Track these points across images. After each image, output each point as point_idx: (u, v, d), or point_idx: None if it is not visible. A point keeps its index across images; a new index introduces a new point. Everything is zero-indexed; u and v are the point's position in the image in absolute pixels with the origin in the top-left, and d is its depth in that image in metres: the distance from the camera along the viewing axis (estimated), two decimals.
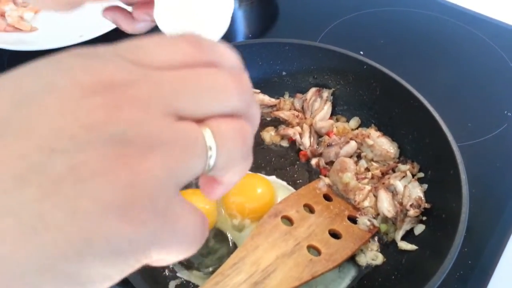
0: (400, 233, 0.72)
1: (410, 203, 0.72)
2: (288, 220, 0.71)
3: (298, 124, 0.89)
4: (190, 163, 0.25)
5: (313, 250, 0.68)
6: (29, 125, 0.22)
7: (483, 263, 0.74)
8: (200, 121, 0.26)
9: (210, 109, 0.27)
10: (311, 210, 0.74)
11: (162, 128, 0.24)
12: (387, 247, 0.73)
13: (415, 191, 0.74)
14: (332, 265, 0.66)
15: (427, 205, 0.72)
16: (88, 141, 0.22)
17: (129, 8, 0.54)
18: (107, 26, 1.06)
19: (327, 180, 0.79)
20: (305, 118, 0.90)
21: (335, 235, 0.71)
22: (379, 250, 0.73)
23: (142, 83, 0.25)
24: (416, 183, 0.76)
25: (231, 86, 0.28)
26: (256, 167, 0.85)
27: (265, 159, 0.86)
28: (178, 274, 0.70)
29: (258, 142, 0.89)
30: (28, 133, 0.22)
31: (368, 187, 0.76)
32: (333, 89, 0.91)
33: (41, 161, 0.21)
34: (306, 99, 0.91)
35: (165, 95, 0.25)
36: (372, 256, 0.71)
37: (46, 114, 0.22)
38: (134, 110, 0.24)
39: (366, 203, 0.75)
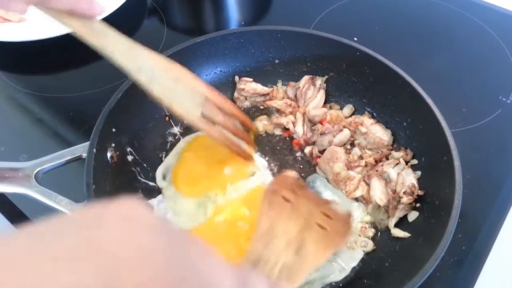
0: (393, 220, 0.72)
1: (403, 190, 0.72)
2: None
3: (291, 113, 0.89)
4: None
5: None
6: None
7: (477, 249, 0.74)
8: None
9: None
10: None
11: None
12: (381, 234, 0.73)
13: (409, 178, 0.74)
14: (343, 240, 0.67)
15: (420, 192, 0.72)
16: None
17: None
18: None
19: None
20: (298, 106, 0.90)
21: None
22: (369, 237, 0.73)
23: None
24: (410, 170, 0.76)
25: None
26: None
27: (258, 148, 0.86)
28: None
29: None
30: None
31: (358, 177, 0.76)
32: (326, 76, 0.90)
33: None
34: (299, 87, 0.90)
35: None
36: (363, 243, 0.71)
37: None
38: None
39: (358, 193, 0.75)
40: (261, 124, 0.89)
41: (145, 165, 0.81)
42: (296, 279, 0.59)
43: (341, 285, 0.69)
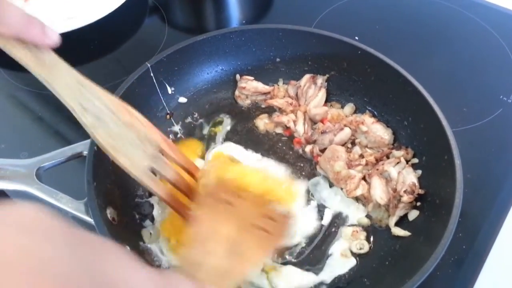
0: (394, 219, 0.72)
1: (404, 189, 0.72)
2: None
3: (292, 111, 0.89)
4: None
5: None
6: None
7: (477, 248, 0.74)
8: None
9: None
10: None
11: None
12: (381, 233, 0.73)
13: (409, 177, 0.74)
14: (280, 240, 0.65)
15: (421, 191, 0.72)
16: None
17: None
18: (96, 15, 1.04)
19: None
20: (299, 105, 0.90)
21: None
22: (365, 238, 0.73)
23: None
24: (410, 169, 0.76)
25: None
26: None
27: (259, 146, 0.86)
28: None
29: (252, 129, 0.88)
30: None
31: (359, 175, 0.76)
32: (327, 75, 0.90)
33: None
34: (300, 86, 0.90)
35: None
36: (359, 245, 0.72)
37: None
38: None
39: (359, 191, 0.75)
40: (262, 122, 0.89)
41: None
42: (229, 280, 0.56)
43: (341, 284, 0.69)
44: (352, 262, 0.71)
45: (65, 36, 0.99)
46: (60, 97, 0.57)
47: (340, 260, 0.71)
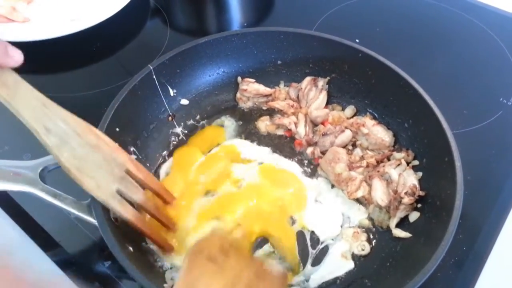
0: (395, 220, 0.72)
1: (404, 191, 0.72)
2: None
3: (293, 113, 0.89)
4: None
5: None
6: None
7: (477, 249, 0.74)
8: None
9: None
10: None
11: None
12: (382, 234, 0.74)
13: (410, 179, 0.74)
14: None
15: (421, 193, 0.73)
16: None
17: None
18: (98, 18, 1.05)
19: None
20: (300, 107, 0.90)
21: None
22: (367, 240, 0.73)
23: None
24: (411, 171, 0.76)
25: None
26: None
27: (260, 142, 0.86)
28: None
29: (253, 131, 0.89)
30: None
31: (360, 177, 0.76)
32: (328, 77, 0.91)
33: None
34: (301, 88, 0.91)
35: None
36: (361, 246, 0.72)
37: None
38: None
39: (360, 193, 0.75)
40: (263, 124, 0.89)
41: (148, 164, 0.82)
42: None
43: (342, 284, 0.69)
44: (350, 265, 0.71)
45: (68, 38, 1.01)
46: (22, 118, 0.56)
47: (339, 262, 0.71)
